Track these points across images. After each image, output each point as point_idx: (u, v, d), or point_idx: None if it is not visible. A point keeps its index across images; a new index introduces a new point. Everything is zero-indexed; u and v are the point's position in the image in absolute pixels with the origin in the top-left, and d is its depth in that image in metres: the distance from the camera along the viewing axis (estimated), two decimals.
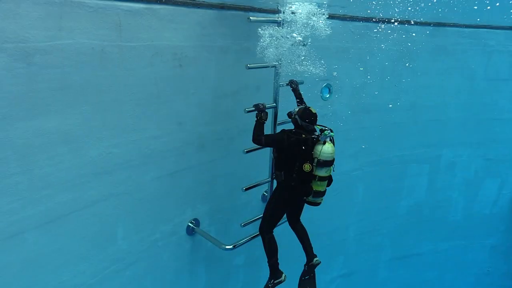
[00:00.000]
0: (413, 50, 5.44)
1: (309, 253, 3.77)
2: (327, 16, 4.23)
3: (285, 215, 3.80)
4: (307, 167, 3.27)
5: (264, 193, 4.74)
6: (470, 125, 6.34)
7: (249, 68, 3.43)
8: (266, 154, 4.01)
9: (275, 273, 3.63)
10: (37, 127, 2.65)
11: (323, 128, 3.40)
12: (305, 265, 3.80)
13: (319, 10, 4.09)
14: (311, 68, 4.01)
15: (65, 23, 2.62)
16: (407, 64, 5.48)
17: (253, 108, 3.42)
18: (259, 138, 3.30)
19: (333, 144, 3.34)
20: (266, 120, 3.41)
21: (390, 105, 5.58)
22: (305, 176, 3.33)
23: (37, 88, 2.59)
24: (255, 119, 3.39)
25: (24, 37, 2.44)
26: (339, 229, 5.99)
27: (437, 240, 7.02)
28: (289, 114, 3.59)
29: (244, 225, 3.94)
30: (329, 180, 3.44)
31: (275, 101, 3.78)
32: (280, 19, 3.58)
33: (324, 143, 3.29)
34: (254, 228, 4.02)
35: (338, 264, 6.28)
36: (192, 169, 3.89)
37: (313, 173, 3.30)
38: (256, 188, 3.99)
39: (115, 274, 3.45)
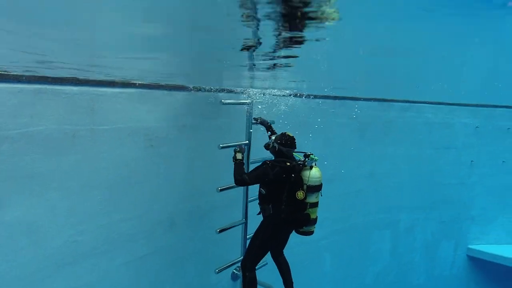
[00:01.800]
0: (366, 123, 5.89)
1: None
2: (290, 95, 4.55)
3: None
4: (300, 194, 3.10)
5: (234, 271, 4.56)
6: (423, 189, 6.76)
7: (222, 148, 3.49)
8: (238, 231, 3.94)
9: None
10: None
11: (307, 153, 3.30)
12: None
13: (283, 91, 4.40)
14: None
15: (37, 110, 2.57)
16: (362, 136, 5.89)
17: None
18: (243, 177, 3.11)
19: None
20: (243, 159, 3.29)
21: (342, 171, 5.83)
22: (298, 204, 3.16)
23: (1, 178, 2.42)
24: (233, 162, 3.26)
25: None
26: None
27: None
28: (267, 145, 3.46)
29: None
30: None
31: None
32: (249, 101, 3.77)
33: (311, 168, 3.20)
34: None
35: None
36: (162, 251, 3.69)
37: (305, 200, 3.14)
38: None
39: None
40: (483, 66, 3.19)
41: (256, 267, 3.51)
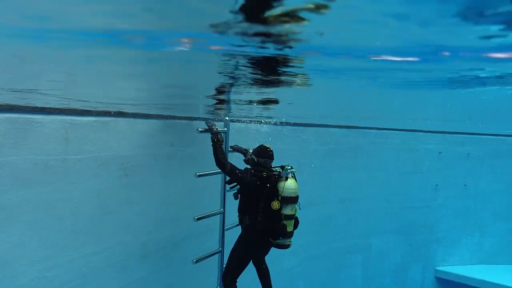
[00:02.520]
0: (337, 149, 6.07)
1: None
2: (264, 122, 4.65)
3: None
4: (275, 204, 3.10)
5: None
6: (391, 213, 6.97)
7: (199, 176, 3.48)
8: (214, 260, 3.88)
9: None
10: None
11: (283, 165, 3.32)
12: None
13: (258, 119, 4.49)
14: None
15: (8, 140, 2.48)
16: (332, 162, 6.05)
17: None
18: (225, 162, 3.13)
19: (296, 181, 3.26)
20: (223, 141, 3.27)
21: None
22: (273, 215, 3.14)
23: None
24: (211, 143, 3.23)
25: None
26: None
27: None
28: (246, 160, 3.50)
29: None
30: (295, 221, 3.29)
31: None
32: (225, 129, 3.80)
33: (286, 179, 3.21)
34: None
35: None
36: (134, 285, 3.56)
37: (280, 211, 3.13)
38: None
39: None
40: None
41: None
